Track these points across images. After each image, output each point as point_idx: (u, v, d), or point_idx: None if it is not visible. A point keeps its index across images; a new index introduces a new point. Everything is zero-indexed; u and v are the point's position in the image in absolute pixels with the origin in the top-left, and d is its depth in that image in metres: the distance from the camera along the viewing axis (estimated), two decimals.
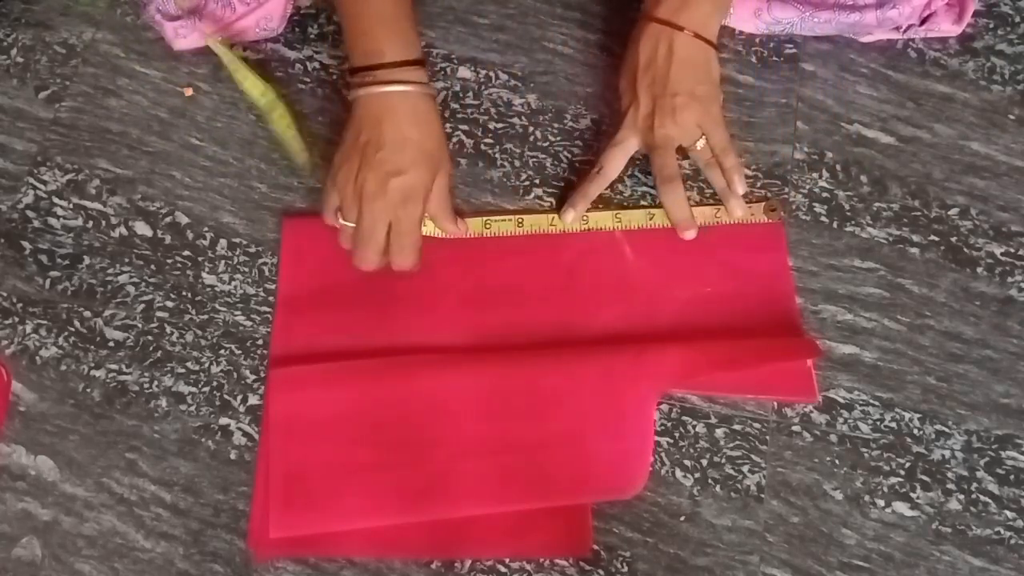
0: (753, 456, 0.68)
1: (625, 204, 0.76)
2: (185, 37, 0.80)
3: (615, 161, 0.74)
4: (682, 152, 0.74)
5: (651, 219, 0.75)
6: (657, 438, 0.69)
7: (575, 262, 0.74)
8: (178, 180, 0.78)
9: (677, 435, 0.69)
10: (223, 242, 0.75)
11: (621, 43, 0.83)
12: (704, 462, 0.68)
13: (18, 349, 0.72)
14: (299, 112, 0.80)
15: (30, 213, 0.77)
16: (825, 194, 0.77)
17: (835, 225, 0.76)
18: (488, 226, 0.74)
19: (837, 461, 0.68)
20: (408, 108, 0.69)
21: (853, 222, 0.76)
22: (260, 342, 0.72)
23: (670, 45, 0.71)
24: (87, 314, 0.73)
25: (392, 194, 0.67)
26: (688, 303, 0.72)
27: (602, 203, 0.76)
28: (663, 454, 0.69)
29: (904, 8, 0.79)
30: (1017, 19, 0.84)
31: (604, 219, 0.75)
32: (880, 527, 0.67)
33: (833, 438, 0.69)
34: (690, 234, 0.73)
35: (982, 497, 0.68)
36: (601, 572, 0.65)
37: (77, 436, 0.69)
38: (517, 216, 0.75)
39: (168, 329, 0.72)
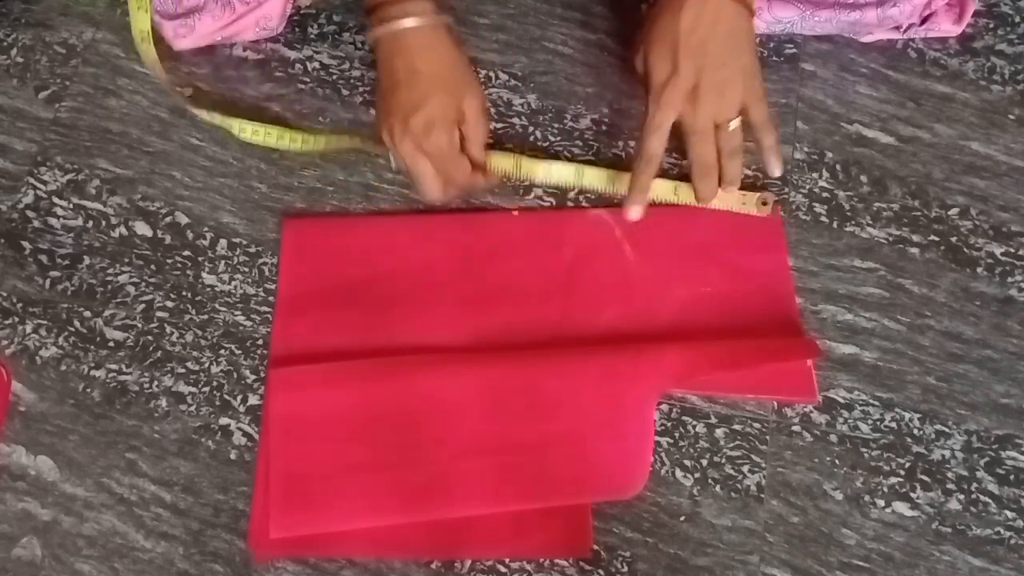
0: (753, 456, 0.68)
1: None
2: (185, 37, 0.80)
3: (659, 145, 0.70)
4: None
5: (676, 193, 0.75)
6: (657, 438, 0.69)
7: (575, 262, 0.74)
8: (178, 180, 0.78)
9: (677, 435, 0.69)
10: (223, 242, 0.75)
11: (621, 43, 0.83)
12: (704, 462, 0.68)
13: (18, 349, 0.72)
14: (300, 112, 0.80)
15: (30, 213, 0.77)
16: (825, 194, 0.77)
17: (835, 225, 0.76)
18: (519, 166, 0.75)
19: (837, 461, 0.68)
20: (416, 42, 0.69)
21: (853, 222, 0.76)
22: (260, 342, 0.72)
23: (716, 12, 0.68)
24: (87, 314, 0.73)
25: (415, 130, 0.68)
26: (688, 303, 0.72)
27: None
28: (663, 454, 0.68)
29: (904, 7, 0.79)
30: (1017, 19, 0.84)
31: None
32: (880, 527, 0.67)
33: (833, 438, 0.69)
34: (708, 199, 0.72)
35: (982, 497, 0.67)
36: (601, 572, 0.65)
37: (77, 436, 0.69)
38: (515, 157, 0.76)
39: (168, 329, 0.72)
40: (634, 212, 0.72)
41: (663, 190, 0.75)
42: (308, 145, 0.77)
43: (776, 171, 0.71)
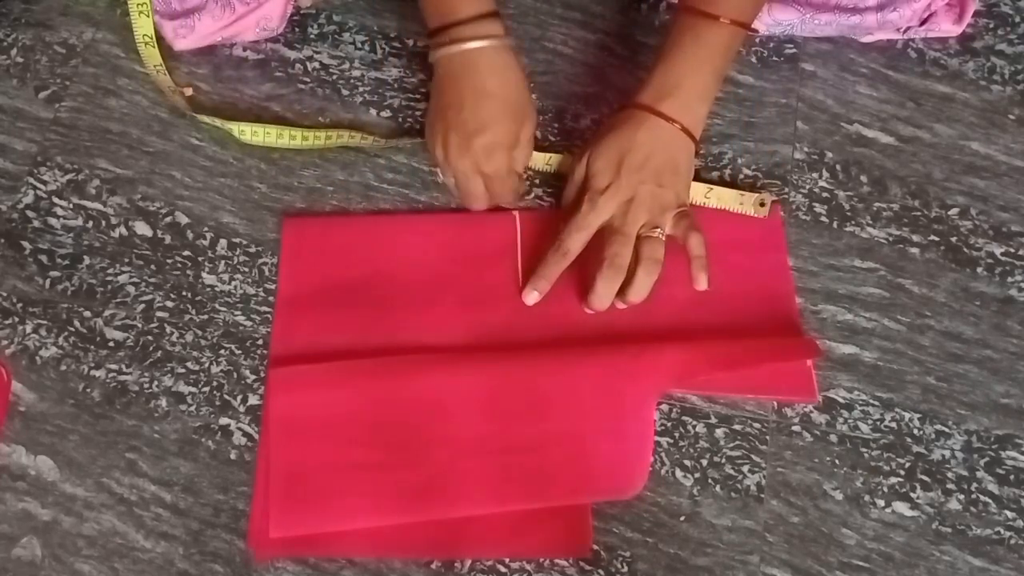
0: (753, 456, 0.68)
1: None
2: (185, 37, 0.80)
3: (580, 244, 0.71)
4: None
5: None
6: (657, 438, 0.69)
7: (575, 262, 0.74)
8: (178, 180, 0.78)
9: (677, 435, 0.69)
10: (223, 242, 0.75)
11: (621, 43, 0.83)
12: (704, 462, 0.68)
13: (18, 349, 0.72)
14: (300, 112, 0.80)
15: (30, 213, 0.77)
16: (825, 194, 0.77)
17: (835, 225, 0.76)
18: None
19: (837, 461, 0.68)
20: (486, 62, 0.71)
21: (853, 222, 0.76)
22: (260, 342, 0.72)
23: (664, 138, 0.70)
24: (87, 314, 0.73)
25: (476, 152, 0.70)
26: (688, 303, 0.72)
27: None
28: (663, 454, 0.68)
29: (904, 11, 0.79)
30: (1017, 19, 0.84)
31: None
32: (880, 527, 0.67)
33: (833, 438, 0.69)
34: (597, 308, 0.71)
35: (982, 497, 0.67)
36: (601, 572, 0.65)
37: (77, 436, 0.69)
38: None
39: (168, 329, 0.72)
40: (531, 297, 0.71)
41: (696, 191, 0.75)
42: (308, 142, 0.77)
43: (701, 284, 0.70)
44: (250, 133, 0.77)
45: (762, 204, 0.75)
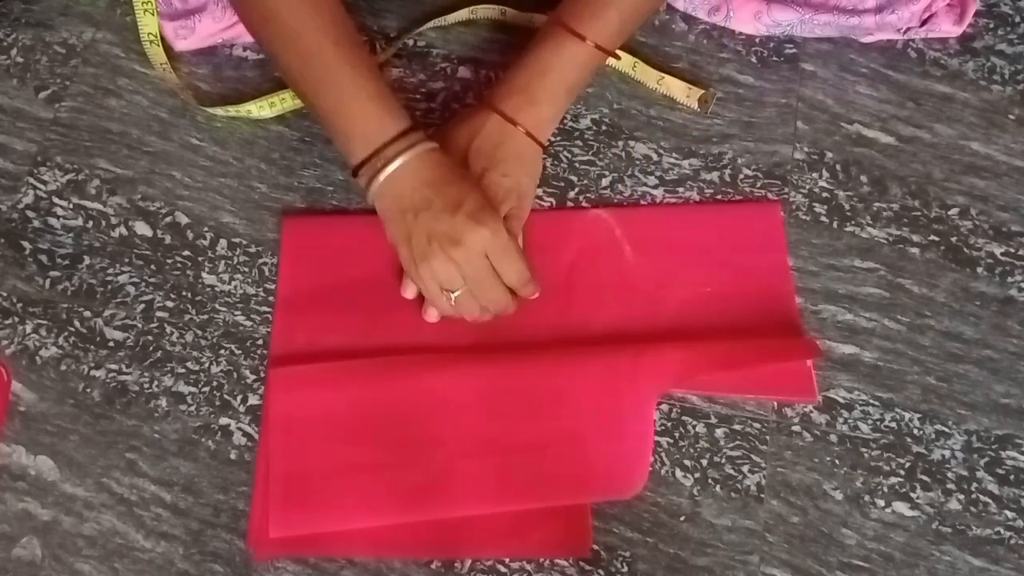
0: (753, 456, 0.68)
1: None
2: (185, 38, 0.80)
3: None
4: None
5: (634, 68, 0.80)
6: (657, 438, 0.69)
7: (575, 262, 0.74)
8: (178, 180, 0.78)
9: (677, 435, 0.69)
10: (223, 242, 0.75)
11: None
12: (704, 462, 0.68)
13: (18, 349, 0.72)
14: (300, 112, 0.80)
15: (30, 213, 0.77)
16: (825, 194, 0.77)
17: (835, 225, 0.76)
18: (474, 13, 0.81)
19: (837, 461, 0.68)
20: (413, 170, 0.67)
21: (853, 222, 0.76)
22: (260, 342, 0.72)
23: (511, 135, 0.70)
24: (87, 314, 0.73)
25: (460, 224, 0.65)
26: (688, 303, 0.72)
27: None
28: (663, 454, 0.68)
29: (903, 13, 0.79)
30: (1017, 19, 0.84)
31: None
32: (880, 527, 0.66)
33: (833, 438, 0.69)
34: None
35: (982, 497, 0.67)
36: (601, 572, 0.65)
37: (77, 436, 0.69)
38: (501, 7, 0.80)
39: (168, 329, 0.72)
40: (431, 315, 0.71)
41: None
42: None
43: (431, 316, 0.71)
44: (268, 106, 0.78)
45: (704, 101, 0.78)
